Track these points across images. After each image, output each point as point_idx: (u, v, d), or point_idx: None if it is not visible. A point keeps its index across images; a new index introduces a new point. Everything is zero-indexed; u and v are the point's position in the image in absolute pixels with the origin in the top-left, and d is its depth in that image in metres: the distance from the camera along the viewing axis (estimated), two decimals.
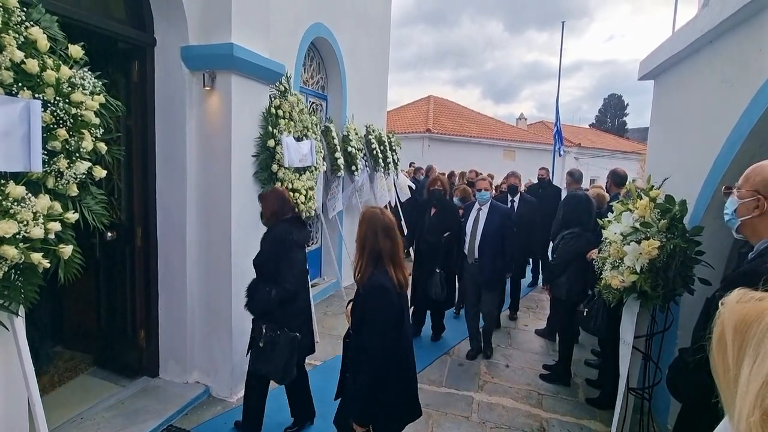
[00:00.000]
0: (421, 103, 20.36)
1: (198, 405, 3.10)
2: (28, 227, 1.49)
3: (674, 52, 3.14)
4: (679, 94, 3.30)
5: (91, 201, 1.85)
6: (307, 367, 3.83)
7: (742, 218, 1.45)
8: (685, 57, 3.09)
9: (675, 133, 3.32)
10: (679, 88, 3.30)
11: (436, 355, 4.14)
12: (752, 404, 0.51)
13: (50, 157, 1.64)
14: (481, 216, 3.91)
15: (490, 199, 3.95)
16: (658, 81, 3.77)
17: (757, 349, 0.53)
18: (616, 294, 2.37)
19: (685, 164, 2.97)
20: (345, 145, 5.38)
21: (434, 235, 4.16)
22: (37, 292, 1.61)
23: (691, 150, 2.93)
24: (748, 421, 0.50)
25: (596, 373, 3.77)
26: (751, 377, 0.52)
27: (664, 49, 3.40)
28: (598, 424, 3.11)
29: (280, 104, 3.49)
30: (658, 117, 3.78)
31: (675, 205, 2.26)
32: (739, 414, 0.52)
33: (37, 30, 1.64)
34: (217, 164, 3.08)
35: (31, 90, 1.60)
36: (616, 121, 44.18)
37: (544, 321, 4.91)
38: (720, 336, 0.60)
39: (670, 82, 3.47)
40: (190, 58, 3.00)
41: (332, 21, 5.28)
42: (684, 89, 3.19)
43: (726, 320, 0.59)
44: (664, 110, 3.63)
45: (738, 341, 0.56)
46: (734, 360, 0.57)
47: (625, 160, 20.71)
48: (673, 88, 3.43)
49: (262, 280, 2.54)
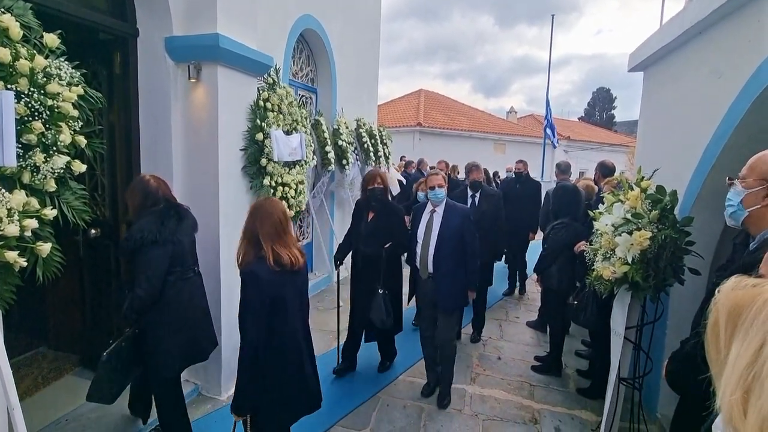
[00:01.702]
0: (412, 97, 20.29)
1: (188, 403, 3.04)
2: (2, 224, 1.43)
3: (664, 44, 3.14)
4: (668, 86, 3.31)
5: (70, 197, 1.78)
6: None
7: (750, 208, 1.44)
8: (675, 48, 3.09)
9: (664, 125, 3.33)
10: (668, 79, 3.31)
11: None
12: (735, 384, 0.53)
13: (25, 151, 1.57)
14: (435, 220, 3.12)
15: (444, 199, 3.16)
16: (648, 73, 3.77)
17: (746, 333, 0.55)
18: (607, 285, 2.38)
19: (674, 155, 2.98)
20: (335, 139, 5.32)
21: (372, 245, 3.30)
22: (14, 293, 1.55)
23: (681, 141, 2.94)
24: (731, 399, 0.53)
25: (587, 364, 3.80)
26: (737, 358, 0.55)
27: (653, 40, 3.39)
28: (589, 414, 3.14)
29: (269, 97, 3.42)
30: (648, 109, 3.79)
31: (666, 195, 2.26)
32: (723, 392, 0.55)
33: (9, 17, 1.57)
34: (204, 159, 3.01)
35: (3, 80, 1.52)
36: (604, 114, 44.58)
37: (535, 313, 4.94)
38: (714, 321, 0.62)
39: (660, 73, 3.48)
40: (175, 50, 2.91)
41: (321, 13, 5.19)
42: (673, 81, 3.19)
43: (721, 306, 0.61)
44: (654, 102, 3.64)
45: (730, 326, 0.59)
46: (725, 343, 0.59)
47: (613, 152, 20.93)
48: (662, 80, 3.44)
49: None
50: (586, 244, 2.73)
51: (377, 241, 3.30)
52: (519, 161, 5.78)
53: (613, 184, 3.12)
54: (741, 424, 0.51)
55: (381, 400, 3.25)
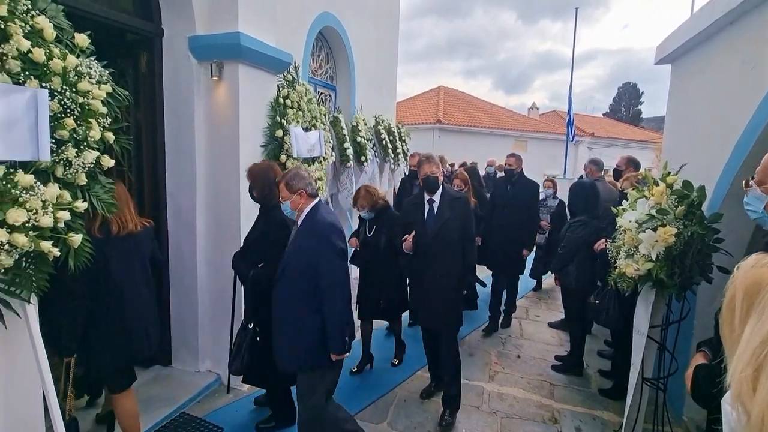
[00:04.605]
0: (432, 94, 20.14)
1: (210, 393, 3.14)
2: (37, 216, 1.50)
3: (693, 34, 3.02)
4: (697, 78, 3.18)
5: (99, 190, 1.86)
6: None
7: None
8: (704, 39, 2.97)
9: (693, 118, 3.21)
10: (697, 71, 3.19)
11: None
12: (747, 361, 0.53)
13: (58, 147, 1.65)
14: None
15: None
16: (676, 65, 3.64)
17: (762, 311, 0.55)
18: (630, 283, 2.32)
19: (703, 149, 2.87)
20: (354, 136, 5.34)
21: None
22: (48, 280, 1.63)
23: (710, 135, 2.83)
24: (741, 375, 0.53)
25: (609, 364, 3.71)
26: (751, 336, 0.55)
27: (682, 31, 3.27)
28: (611, 415, 3.07)
29: (288, 94, 3.47)
30: (676, 102, 3.66)
31: (693, 191, 2.18)
32: (734, 369, 0.55)
33: (43, 19, 1.63)
34: (226, 155, 3.09)
35: (38, 79, 1.60)
36: (630, 110, 43.13)
37: (556, 312, 4.85)
38: (731, 298, 0.62)
39: (688, 65, 3.35)
40: (198, 48, 2.99)
41: (340, 11, 5.22)
42: (703, 72, 3.07)
43: (738, 283, 0.61)
44: (682, 95, 3.51)
45: (746, 303, 0.58)
46: (740, 321, 0.59)
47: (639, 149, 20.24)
48: (691, 72, 3.31)
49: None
50: (607, 242, 2.67)
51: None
52: (510, 155, 4.45)
53: (635, 180, 3.03)
54: (749, 401, 0.50)
55: (398, 394, 3.26)
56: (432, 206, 2.88)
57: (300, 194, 2.20)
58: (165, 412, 2.81)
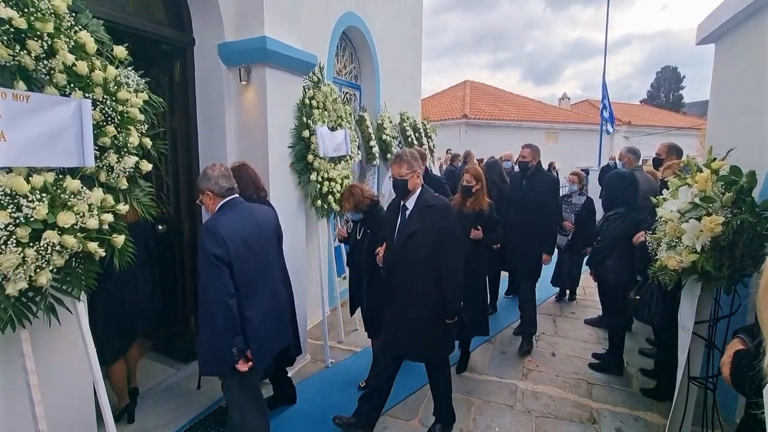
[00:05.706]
0: (457, 89, 19.88)
1: None
2: (84, 218, 1.60)
3: (739, 10, 2.82)
4: (744, 57, 2.97)
5: (139, 193, 1.96)
6: (346, 353, 3.91)
7: None
8: (751, 14, 2.77)
9: (739, 100, 3.00)
10: (744, 49, 2.97)
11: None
12: None
13: (101, 153, 1.75)
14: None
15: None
16: (720, 44, 3.41)
17: None
18: (673, 276, 2.20)
19: (752, 133, 2.68)
20: (380, 134, 5.36)
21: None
22: (95, 279, 1.73)
23: (759, 117, 2.64)
24: None
25: (652, 363, 3.54)
26: None
27: (726, 7, 3.06)
28: (655, 416, 2.93)
29: (314, 95, 3.52)
30: (720, 84, 3.43)
31: (742, 176, 2.04)
32: None
33: (86, 34, 1.74)
34: (255, 156, 3.16)
35: (82, 90, 1.70)
36: (671, 96, 40.89)
37: (591, 310, 4.67)
38: None
39: (734, 43, 3.14)
40: (227, 55, 3.08)
41: (363, 9, 5.25)
42: (750, 50, 2.86)
43: None
44: (727, 76, 3.29)
45: None
46: None
47: (681, 136, 19.13)
48: (737, 51, 3.10)
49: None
50: (646, 234, 2.54)
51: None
52: (525, 146, 3.93)
53: (677, 168, 2.87)
54: None
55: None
56: (404, 214, 2.37)
57: (207, 195, 2.03)
58: (206, 404, 2.93)
